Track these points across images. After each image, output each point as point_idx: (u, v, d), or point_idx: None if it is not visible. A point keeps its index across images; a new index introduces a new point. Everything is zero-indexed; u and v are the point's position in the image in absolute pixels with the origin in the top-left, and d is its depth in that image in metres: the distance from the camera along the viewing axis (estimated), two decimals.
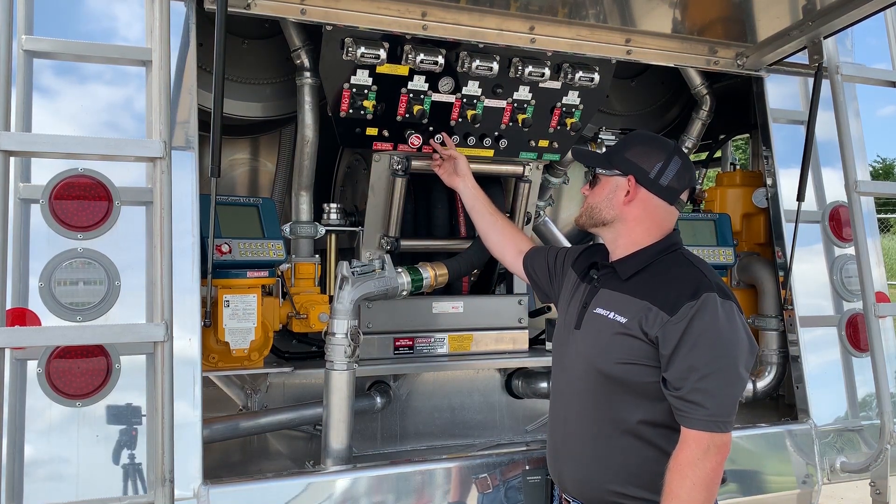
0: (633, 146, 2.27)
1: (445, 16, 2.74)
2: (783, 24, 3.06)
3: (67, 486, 2.20)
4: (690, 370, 1.99)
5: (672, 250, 2.23)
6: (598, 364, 2.14)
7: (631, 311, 2.11)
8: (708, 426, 1.98)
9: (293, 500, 2.45)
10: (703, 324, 2.01)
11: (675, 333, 2.01)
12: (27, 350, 2.18)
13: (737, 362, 2.02)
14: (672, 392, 2.03)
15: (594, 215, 2.29)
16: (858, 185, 3.13)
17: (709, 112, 3.63)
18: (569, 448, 2.24)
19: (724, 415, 2.00)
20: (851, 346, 3.32)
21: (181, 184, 2.38)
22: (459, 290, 3.43)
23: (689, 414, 2.00)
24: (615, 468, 2.14)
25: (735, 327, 2.05)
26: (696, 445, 1.98)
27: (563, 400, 2.29)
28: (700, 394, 1.98)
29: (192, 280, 2.41)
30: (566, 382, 2.27)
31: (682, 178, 2.23)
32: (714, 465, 1.99)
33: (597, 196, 2.29)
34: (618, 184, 2.23)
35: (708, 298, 2.03)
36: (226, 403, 3.16)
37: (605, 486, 2.14)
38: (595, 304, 2.22)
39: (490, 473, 2.68)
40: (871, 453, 3.10)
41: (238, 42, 3.21)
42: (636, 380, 2.09)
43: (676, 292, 2.07)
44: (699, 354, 2.00)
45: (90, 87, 2.40)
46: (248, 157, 3.88)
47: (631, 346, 2.08)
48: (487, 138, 3.07)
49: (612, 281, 2.24)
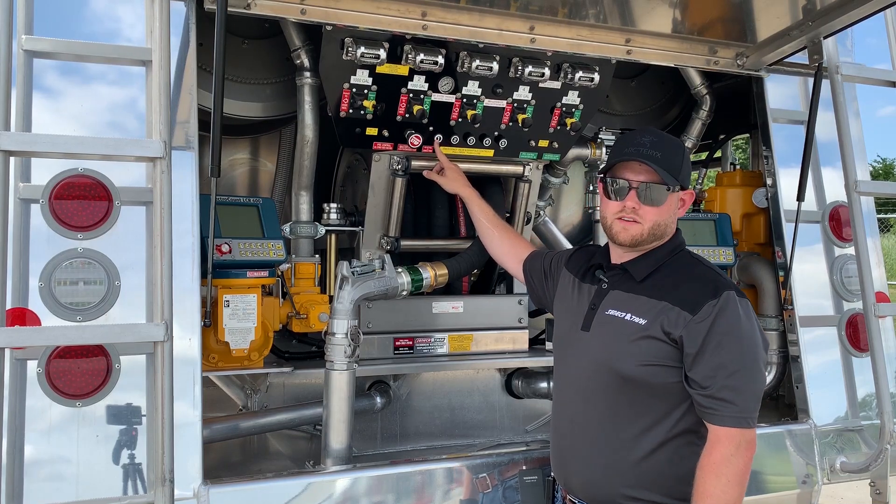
0: (683, 155, 2.22)
1: (445, 16, 2.74)
2: (783, 24, 3.06)
3: (67, 486, 2.20)
4: (718, 368, 2.01)
5: (679, 250, 2.24)
6: (616, 366, 2.12)
7: (650, 313, 2.10)
8: (738, 422, 2.00)
9: (293, 500, 2.45)
10: (727, 322, 2.03)
11: (699, 333, 2.02)
12: (27, 350, 2.18)
13: (758, 358, 2.06)
14: (699, 391, 2.03)
15: (657, 231, 2.19)
16: (858, 185, 3.13)
17: (709, 112, 3.63)
18: (577, 449, 2.23)
19: (751, 410, 2.03)
20: (851, 346, 3.32)
21: (181, 184, 2.38)
22: (459, 290, 3.43)
23: (718, 412, 2.01)
24: (627, 471, 2.12)
25: (753, 324, 2.08)
26: (729, 442, 2.00)
27: (568, 401, 2.28)
28: (729, 391, 2.00)
29: (192, 280, 2.41)
30: (572, 383, 2.27)
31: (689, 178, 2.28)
32: (746, 460, 2.01)
33: (664, 213, 2.18)
34: (681, 197, 2.24)
35: (729, 297, 2.06)
36: (226, 403, 3.16)
37: (616, 489, 2.13)
38: (606, 305, 2.21)
39: (490, 473, 2.68)
40: (871, 453, 3.10)
41: (238, 42, 3.21)
42: (658, 381, 2.08)
43: (696, 292, 2.08)
44: (725, 352, 2.01)
45: (94, 87, 2.40)
46: (248, 157, 3.88)
47: (653, 347, 2.08)
48: (487, 138, 3.07)
49: (624, 282, 2.22)
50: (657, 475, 2.10)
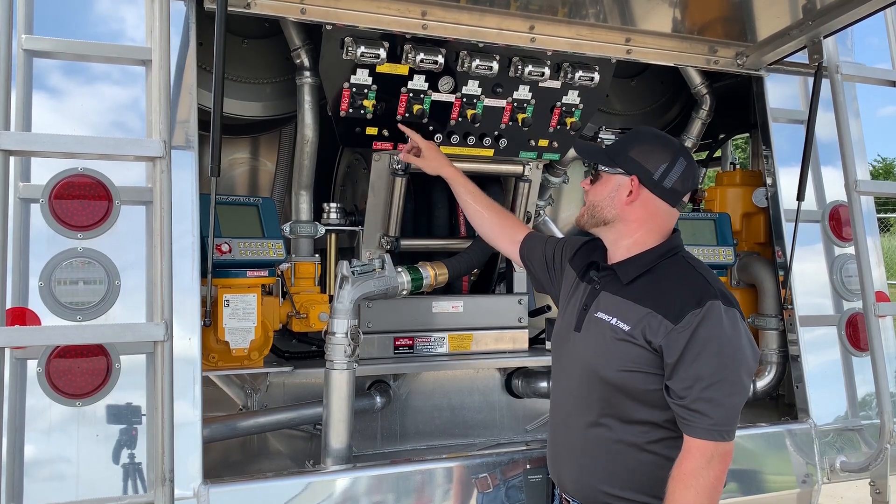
0: (638, 144, 2.19)
1: (445, 15, 2.74)
2: (783, 23, 3.06)
3: (67, 486, 2.20)
4: (695, 380, 1.97)
5: (673, 254, 2.18)
6: (599, 370, 2.11)
7: (634, 319, 2.07)
8: (712, 435, 1.96)
9: (293, 499, 2.45)
10: (708, 333, 1.98)
11: (679, 342, 1.98)
12: (27, 350, 2.18)
13: (740, 371, 2.00)
14: (676, 401, 2.01)
15: (595, 213, 2.22)
16: (858, 185, 3.13)
17: (709, 111, 3.63)
18: (568, 449, 2.23)
19: (727, 424, 1.98)
20: (851, 346, 3.32)
21: (181, 183, 2.38)
22: (459, 290, 3.43)
23: (693, 423, 1.98)
24: (612, 472, 2.12)
25: (738, 335, 2.02)
26: (700, 455, 1.97)
27: (562, 401, 2.28)
28: (704, 403, 1.96)
29: (192, 280, 2.40)
30: (565, 384, 2.26)
31: (687, 180, 2.17)
32: (717, 473, 1.97)
33: (598, 194, 2.21)
34: (620, 183, 2.17)
35: (712, 307, 2.00)
36: (226, 403, 3.16)
37: (602, 488, 2.14)
38: (596, 307, 2.19)
39: (490, 473, 2.68)
40: (871, 453, 3.10)
41: (238, 42, 3.21)
42: (638, 387, 2.06)
43: (680, 300, 2.03)
44: (704, 364, 1.97)
45: (98, 87, 2.40)
46: (248, 156, 3.88)
47: (634, 353, 2.06)
48: (487, 138, 3.07)
49: (612, 284, 2.20)
50: (646, 477, 2.09)
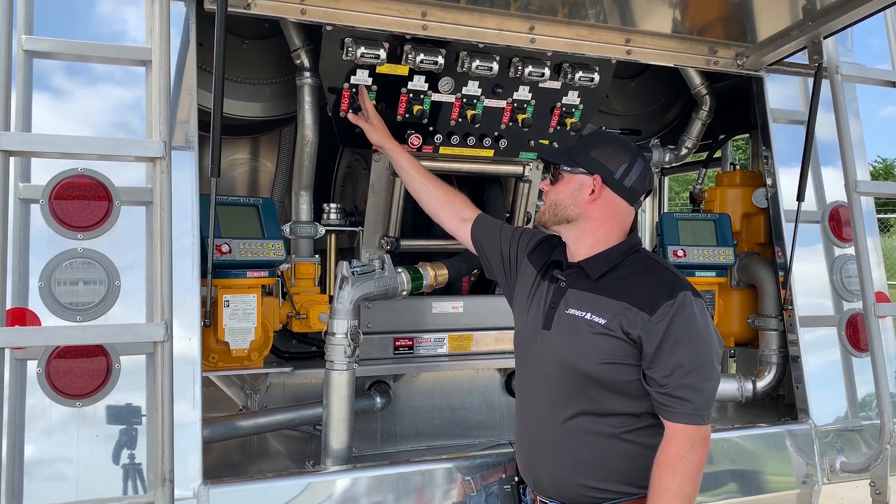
0: (598, 145, 2.30)
1: (445, 16, 2.74)
2: (783, 24, 3.07)
3: (67, 486, 2.20)
4: (675, 367, 2.06)
5: (636, 250, 2.28)
6: (578, 364, 2.16)
7: (609, 313, 2.14)
8: (694, 419, 2.06)
9: (293, 500, 2.45)
10: (683, 322, 2.08)
11: (657, 332, 2.07)
12: (27, 350, 2.18)
13: (713, 357, 2.13)
14: (657, 389, 2.08)
15: (558, 212, 2.30)
16: (858, 185, 3.13)
17: (709, 112, 3.63)
18: (543, 448, 2.25)
19: (706, 407, 2.10)
20: (851, 346, 3.32)
21: (181, 184, 2.38)
22: (459, 290, 3.43)
23: (675, 409, 2.07)
24: (591, 464, 2.17)
25: (708, 323, 2.14)
26: (685, 439, 2.06)
27: (535, 401, 2.29)
28: (685, 389, 2.06)
29: (192, 280, 2.41)
30: (536, 383, 2.28)
31: (644, 179, 2.28)
32: (700, 456, 2.07)
33: (560, 192, 2.30)
34: (582, 182, 2.26)
35: (685, 297, 2.11)
36: (226, 403, 3.16)
37: (581, 482, 2.18)
38: (566, 304, 2.24)
39: (490, 473, 2.68)
40: (871, 453, 3.10)
41: (238, 42, 3.21)
42: (616, 378, 2.13)
43: (653, 292, 2.13)
44: (682, 352, 2.07)
45: (99, 87, 2.40)
46: (248, 157, 3.88)
47: (612, 346, 2.12)
48: (487, 138, 3.07)
49: (580, 281, 2.25)
50: (625, 467, 2.16)
